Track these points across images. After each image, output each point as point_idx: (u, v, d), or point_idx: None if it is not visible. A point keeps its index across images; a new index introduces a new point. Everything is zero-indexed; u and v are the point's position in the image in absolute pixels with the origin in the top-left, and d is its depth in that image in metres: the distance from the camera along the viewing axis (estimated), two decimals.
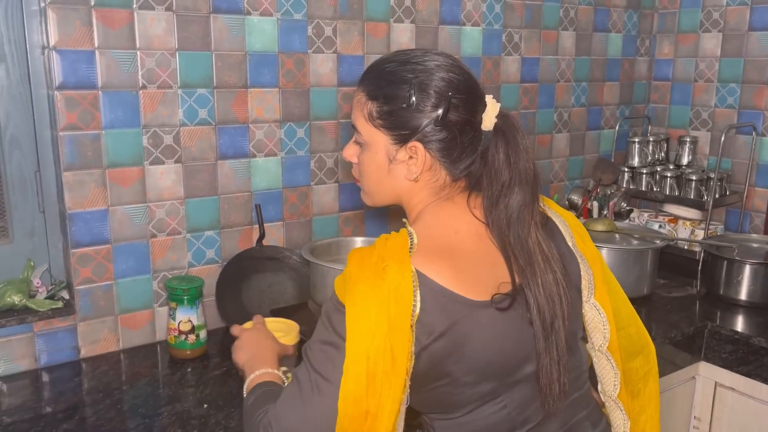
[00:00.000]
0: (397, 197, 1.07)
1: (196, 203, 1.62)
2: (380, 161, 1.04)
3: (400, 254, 0.93)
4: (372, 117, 1.02)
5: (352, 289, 0.91)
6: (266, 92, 1.67)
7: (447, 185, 1.03)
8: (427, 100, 0.97)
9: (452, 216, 1.01)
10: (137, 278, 1.57)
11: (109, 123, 1.47)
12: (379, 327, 0.89)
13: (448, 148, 0.99)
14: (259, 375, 1.09)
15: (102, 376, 1.45)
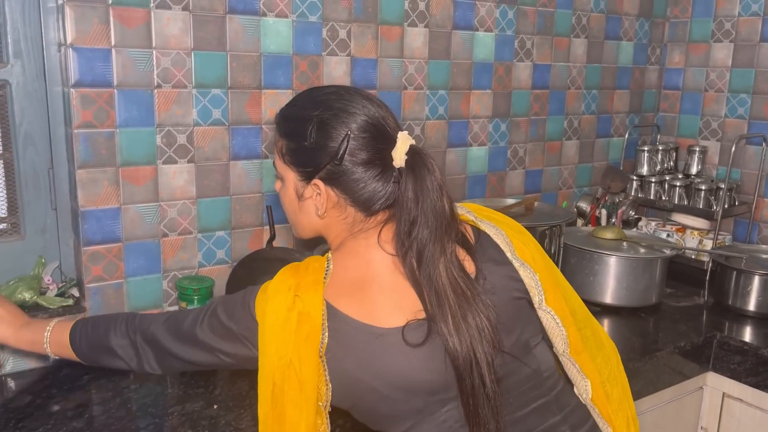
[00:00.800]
0: (316, 232, 1.09)
1: (207, 203, 1.62)
2: (292, 197, 1.07)
3: (313, 285, 0.97)
4: (282, 153, 1.06)
5: (264, 307, 0.98)
6: (280, 93, 1.67)
7: (359, 220, 1.03)
8: (327, 138, 0.99)
9: (367, 246, 1.02)
10: (147, 277, 1.57)
11: (123, 121, 1.47)
12: (284, 354, 0.94)
13: (351, 186, 1.00)
14: (57, 325, 1.23)
15: (111, 374, 1.45)
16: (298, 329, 0.94)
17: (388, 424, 1.01)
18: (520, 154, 2.19)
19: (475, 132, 2.06)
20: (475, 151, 2.07)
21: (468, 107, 2.02)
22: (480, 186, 2.11)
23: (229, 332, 1.04)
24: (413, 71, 1.88)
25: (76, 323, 1.21)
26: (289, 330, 0.94)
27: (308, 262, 1.03)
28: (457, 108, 2.00)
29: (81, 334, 1.19)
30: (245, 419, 1.26)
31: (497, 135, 2.11)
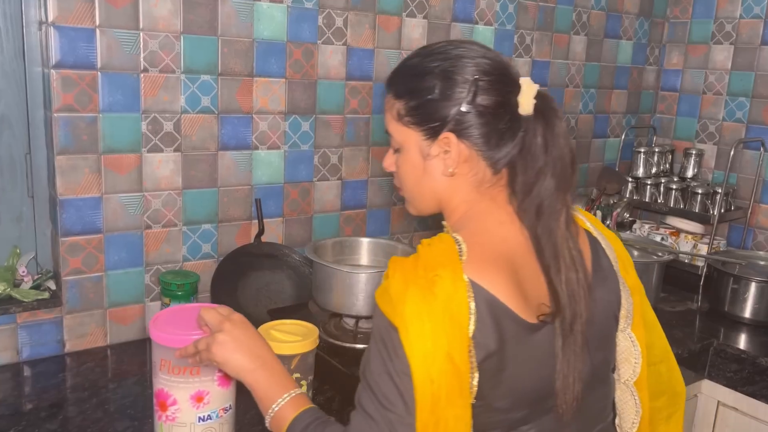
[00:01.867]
0: (437, 200, 0.99)
1: (194, 195, 1.55)
2: (415, 161, 0.97)
3: (449, 262, 0.85)
4: (401, 116, 0.97)
5: (400, 311, 0.83)
6: (272, 82, 1.60)
7: (487, 179, 0.95)
8: (453, 87, 0.92)
9: (499, 223, 0.94)
10: (129, 271, 1.49)
11: (107, 106, 1.39)
12: (438, 346, 0.81)
13: (483, 135, 0.92)
14: (292, 401, 0.95)
15: (88, 372, 1.38)
16: (446, 314, 0.82)
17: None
18: None
19: None
20: None
21: None
22: None
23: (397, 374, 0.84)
24: None
25: (297, 419, 0.94)
26: (436, 317, 0.82)
27: (427, 244, 0.89)
28: None
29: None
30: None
31: None
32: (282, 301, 1.60)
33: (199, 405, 1.05)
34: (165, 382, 1.05)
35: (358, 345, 1.33)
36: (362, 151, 1.79)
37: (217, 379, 1.07)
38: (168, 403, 1.04)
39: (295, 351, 1.18)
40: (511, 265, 0.89)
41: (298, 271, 1.64)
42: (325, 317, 1.42)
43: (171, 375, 1.04)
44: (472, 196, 0.96)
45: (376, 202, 1.85)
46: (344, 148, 1.76)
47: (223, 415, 1.08)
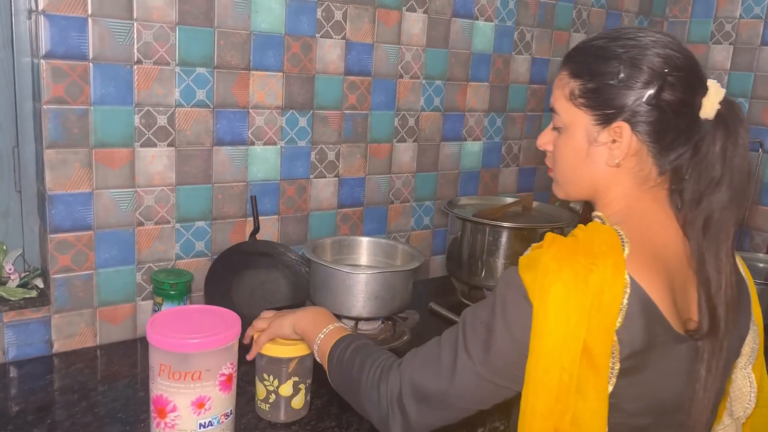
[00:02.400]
0: (592, 188, 0.95)
1: (187, 191, 1.50)
2: (578, 144, 0.94)
3: (612, 253, 0.82)
4: (574, 96, 0.93)
5: (547, 288, 0.81)
6: (269, 76, 1.56)
7: (652, 178, 0.92)
8: (639, 75, 0.88)
9: (662, 226, 0.91)
10: (120, 269, 1.45)
11: (99, 98, 1.34)
12: (575, 336, 0.80)
13: (659, 132, 0.89)
14: (332, 330, 1.06)
15: (77, 374, 1.33)
16: (593, 305, 0.80)
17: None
18: (515, 150, 2.11)
19: (470, 126, 1.97)
20: (469, 146, 1.98)
21: (464, 100, 1.93)
22: (473, 183, 2.02)
23: (496, 333, 0.86)
24: (410, 59, 1.78)
25: (339, 340, 1.04)
26: (582, 306, 0.80)
27: (589, 231, 0.86)
28: (453, 100, 1.91)
29: (339, 357, 1.04)
30: None
31: (492, 130, 2.03)
32: (277, 301, 1.56)
33: (201, 411, 1.01)
34: (165, 388, 1.01)
35: None
36: (360, 148, 1.75)
37: (219, 383, 1.03)
38: (167, 409, 1.00)
39: (291, 354, 1.15)
40: (668, 272, 0.87)
41: (294, 270, 1.60)
42: None
43: (171, 380, 1.00)
44: (633, 192, 0.93)
45: (373, 200, 1.81)
46: (342, 145, 1.72)
47: (225, 421, 1.05)
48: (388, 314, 1.32)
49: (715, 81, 0.91)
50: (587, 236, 0.85)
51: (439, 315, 1.49)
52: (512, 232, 1.54)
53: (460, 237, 1.61)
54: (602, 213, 0.93)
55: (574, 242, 0.84)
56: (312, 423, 1.20)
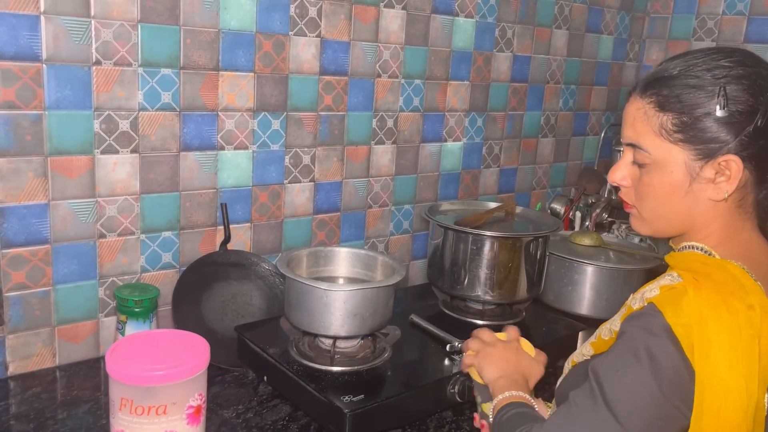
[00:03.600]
0: (688, 223, 0.90)
1: (153, 200, 1.41)
2: (677, 181, 0.87)
3: (760, 296, 0.78)
4: (667, 131, 0.87)
5: (710, 338, 0.76)
6: (240, 77, 1.47)
7: (750, 204, 0.88)
8: (741, 104, 0.83)
9: (765, 253, 0.88)
10: (80, 284, 1.35)
11: (54, 103, 1.24)
12: (753, 393, 0.76)
13: (764, 160, 0.85)
14: (513, 396, 0.99)
15: (33, 399, 1.24)
16: (759, 356, 0.76)
17: None
18: (496, 151, 2.05)
19: (450, 126, 1.90)
20: (449, 147, 1.92)
21: (444, 99, 1.86)
22: (453, 185, 1.96)
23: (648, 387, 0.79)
24: (388, 57, 1.70)
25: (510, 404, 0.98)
26: (753, 358, 0.76)
27: (713, 264, 0.84)
28: (433, 100, 1.83)
29: (500, 417, 0.97)
30: None
31: (473, 130, 1.96)
32: (250, 314, 1.48)
33: None
34: (126, 423, 0.93)
35: (335, 368, 1.22)
36: (337, 151, 1.67)
37: (187, 417, 0.95)
38: None
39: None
40: None
41: (267, 282, 1.52)
42: (297, 335, 1.31)
43: (133, 416, 0.92)
44: (736, 222, 0.89)
45: (351, 205, 1.73)
46: (317, 148, 1.63)
47: None
48: (368, 332, 1.25)
49: None
50: (725, 273, 0.81)
51: (420, 328, 1.42)
52: (496, 241, 1.47)
53: (442, 245, 1.55)
54: (704, 245, 0.89)
55: (716, 282, 0.80)
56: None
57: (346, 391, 1.15)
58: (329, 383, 1.18)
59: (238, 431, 1.17)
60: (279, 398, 1.29)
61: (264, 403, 1.27)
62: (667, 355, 0.78)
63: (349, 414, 1.09)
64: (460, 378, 1.24)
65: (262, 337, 1.32)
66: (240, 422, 1.20)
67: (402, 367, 1.27)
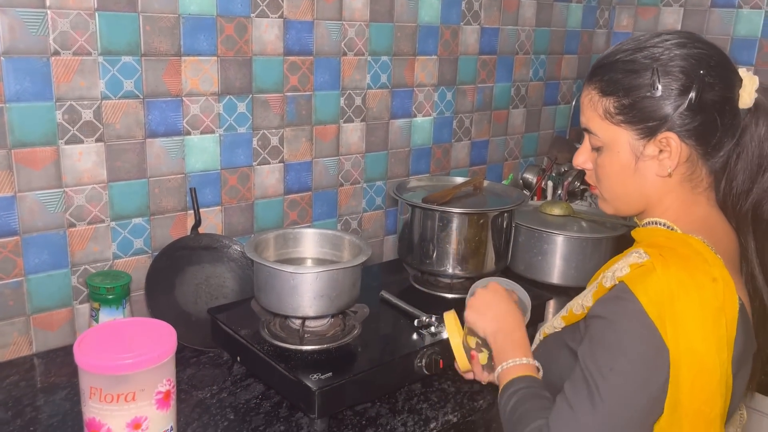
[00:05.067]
0: (644, 200, 0.94)
1: (121, 187, 1.42)
2: (624, 161, 0.92)
3: (722, 269, 0.82)
4: (610, 114, 0.91)
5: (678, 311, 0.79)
6: (203, 61, 1.47)
7: (703, 179, 0.92)
8: (675, 83, 0.87)
9: (725, 230, 0.91)
10: (53, 273, 1.37)
11: (14, 95, 1.25)
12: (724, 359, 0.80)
13: (706, 134, 0.88)
14: (515, 366, 0.98)
15: (11, 388, 1.27)
16: (727, 329, 0.81)
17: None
18: (466, 124, 2.07)
19: (419, 101, 1.91)
20: (419, 122, 1.93)
21: (413, 75, 1.87)
22: (425, 159, 1.98)
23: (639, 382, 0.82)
24: (353, 35, 1.70)
25: (514, 381, 0.97)
26: (721, 328, 0.80)
27: (676, 239, 0.87)
28: (401, 76, 1.84)
29: (506, 401, 0.96)
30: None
31: (443, 104, 1.97)
32: (224, 296, 1.51)
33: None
34: (96, 411, 0.96)
35: (305, 347, 1.25)
36: (305, 131, 1.68)
37: (156, 402, 0.98)
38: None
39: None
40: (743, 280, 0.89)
41: (240, 263, 1.54)
42: (268, 316, 1.34)
43: (103, 403, 0.95)
44: (689, 197, 0.92)
45: (322, 183, 1.75)
46: (285, 129, 1.65)
47: None
48: (336, 312, 1.28)
49: (746, 71, 0.91)
50: (688, 248, 0.84)
51: (390, 304, 1.46)
52: (462, 216, 1.50)
53: (410, 222, 1.57)
54: (665, 220, 0.92)
55: (681, 257, 0.83)
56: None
57: (315, 370, 1.18)
58: (299, 362, 1.21)
59: (213, 411, 1.21)
60: (252, 378, 1.33)
61: (238, 382, 1.31)
62: (649, 341, 0.81)
63: (317, 391, 1.13)
64: (428, 351, 1.28)
65: (235, 318, 1.35)
66: (214, 402, 1.24)
67: (371, 343, 1.31)
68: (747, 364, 0.90)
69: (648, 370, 0.81)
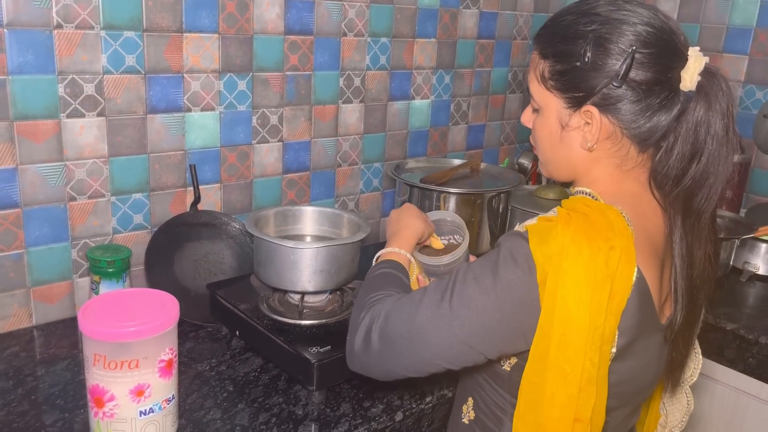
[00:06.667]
0: (571, 169, 0.92)
1: (122, 162, 1.43)
2: (552, 128, 0.91)
3: (624, 238, 0.80)
4: (544, 78, 0.89)
5: (566, 271, 0.79)
6: (204, 38, 1.47)
7: (631, 158, 0.89)
8: (605, 57, 0.84)
9: (652, 209, 0.89)
10: (53, 246, 1.38)
11: (16, 67, 1.25)
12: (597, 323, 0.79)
13: (632, 112, 0.85)
14: (389, 252, 1.08)
15: (12, 358, 1.28)
16: (611, 294, 0.79)
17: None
18: (464, 108, 2.08)
19: (418, 84, 1.92)
20: (417, 104, 1.94)
21: (411, 57, 1.88)
22: (422, 142, 1.99)
23: (486, 297, 0.83)
24: (354, 16, 1.71)
25: (386, 260, 1.07)
26: (603, 293, 0.78)
27: (594, 206, 0.83)
28: (400, 58, 1.85)
29: (372, 271, 1.06)
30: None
31: (441, 87, 1.99)
32: (222, 272, 1.52)
33: (140, 399, 0.98)
34: (100, 378, 0.97)
35: (304, 321, 1.27)
36: (304, 111, 1.69)
37: (159, 370, 1.00)
38: (105, 399, 0.97)
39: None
40: (659, 259, 0.86)
41: (238, 240, 1.56)
42: (267, 292, 1.36)
43: (107, 370, 0.96)
44: (615, 173, 0.90)
45: (320, 164, 1.76)
46: (285, 108, 1.65)
47: (166, 407, 1.02)
48: (335, 287, 1.30)
49: (697, 50, 0.86)
50: (600, 215, 0.82)
51: None
52: (460, 197, 1.52)
53: (408, 202, 1.59)
54: (591, 190, 0.90)
55: (588, 221, 0.81)
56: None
57: (313, 343, 1.20)
58: (298, 336, 1.23)
59: (212, 383, 1.23)
60: (251, 351, 1.34)
61: (236, 356, 1.33)
62: (520, 279, 0.82)
63: (316, 364, 1.15)
64: None
65: (234, 294, 1.37)
66: (213, 375, 1.26)
67: None
68: (646, 339, 0.87)
69: (508, 297, 0.82)
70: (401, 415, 1.19)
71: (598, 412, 0.83)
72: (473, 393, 1.00)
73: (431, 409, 1.24)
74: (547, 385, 0.82)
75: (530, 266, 0.81)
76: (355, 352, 0.95)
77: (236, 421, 1.13)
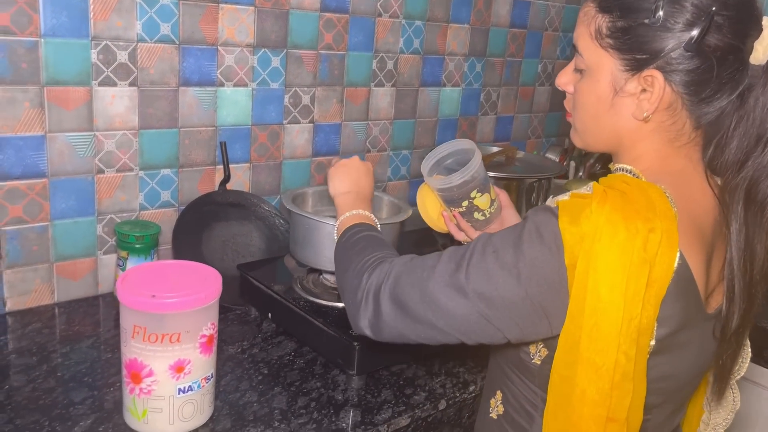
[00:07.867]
0: (615, 141, 0.83)
1: (152, 135, 1.37)
2: (602, 92, 0.81)
3: (666, 220, 0.71)
4: (600, 34, 0.79)
5: (599, 254, 0.70)
6: (240, 10, 1.42)
7: (685, 133, 0.79)
8: (680, 15, 0.74)
9: (701, 190, 0.80)
10: (78, 220, 1.32)
11: (50, 29, 1.20)
12: (633, 313, 0.71)
13: (699, 83, 0.76)
14: (361, 215, 1.03)
15: (34, 334, 1.22)
16: (649, 281, 0.70)
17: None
18: (493, 98, 2.03)
19: (449, 71, 1.87)
20: (448, 92, 1.89)
21: (444, 42, 1.83)
22: (450, 131, 1.94)
23: (505, 273, 0.75)
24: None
25: (357, 224, 1.00)
26: (640, 279, 0.70)
27: (633, 184, 0.74)
28: (434, 42, 1.80)
29: (346, 237, 0.98)
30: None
31: (472, 76, 1.94)
32: (250, 254, 1.46)
33: (180, 375, 0.92)
34: (139, 351, 0.92)
35: (340, 303, 1.21)
36: (336, 92, 1.64)
37: (200, 345, 0.94)
38: (143, 374, 0.91)
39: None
40: (706, 245, 0.78)
41: (267, 223, 1.50)
42: (302, 273, 1.30)
43: (147, 343, 0.91)
44: (664, 149, 0.81)
45: (349, 148, 1.71)
46: (317, 88, 1.60)
47: (205, 385, 0.97)
48: None
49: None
50: (640, 193, 0.73)
51: None
52: (500, 182, 1.47)
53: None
54: (632, 167, 0.82)
55: (626, 200, 0.72)
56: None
57: None
58: (336, 318, 1.18)
59: (246, 365, 1.17)
60: (283, 335, 1.29)
61: (268, 339, 1.27)
62: (545, 257, 0.74)
63: (358, 347, 1.09)
64: None
65: (266, 275, 1.31)
66: (246, 357, 1.20)
67: None
68: (690, 330, 0.79)
69: (532, 275, 0.74)
70: (444, 403, 1.14)
71: (635, 411, 0.76)
72: (502, 386, 0.93)
73: (473, 400, 1.19)
74: (577, 380, 0.75)
75: (558, 245, 0.73)
76: (360, 314, 0.87)
77: (274, 404, 1.07)
